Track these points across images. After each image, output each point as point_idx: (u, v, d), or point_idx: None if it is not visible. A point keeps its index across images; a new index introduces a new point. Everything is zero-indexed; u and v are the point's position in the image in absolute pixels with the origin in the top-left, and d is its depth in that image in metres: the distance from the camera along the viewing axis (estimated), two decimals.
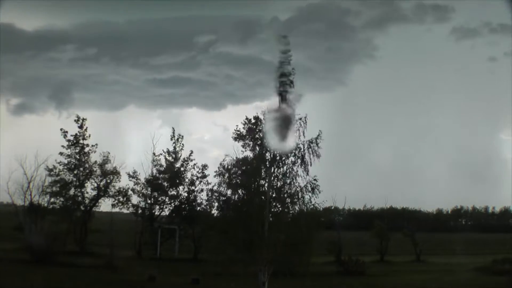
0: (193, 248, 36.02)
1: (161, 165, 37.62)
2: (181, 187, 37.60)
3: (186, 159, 37.57)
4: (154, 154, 37.48)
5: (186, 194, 37.61)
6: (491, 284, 26.36)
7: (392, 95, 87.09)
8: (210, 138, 77.78)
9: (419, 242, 40.72)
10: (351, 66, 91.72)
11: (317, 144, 17.85)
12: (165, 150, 37.67)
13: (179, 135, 38.05)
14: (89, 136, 36.20)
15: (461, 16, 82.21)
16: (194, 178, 37.43)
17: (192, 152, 37.80)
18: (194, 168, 37.41)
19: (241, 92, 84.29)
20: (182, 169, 37.53)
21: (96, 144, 36.32)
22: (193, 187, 37.46)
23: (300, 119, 17.93)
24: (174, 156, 37.67)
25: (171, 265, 31.93)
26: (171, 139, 37.68)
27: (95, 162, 36.24)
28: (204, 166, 37.22)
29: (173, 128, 38.27)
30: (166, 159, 37.63)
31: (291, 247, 17.59)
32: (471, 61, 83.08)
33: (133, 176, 36.96)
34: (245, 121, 20.41)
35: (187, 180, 37.50)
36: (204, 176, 37.11)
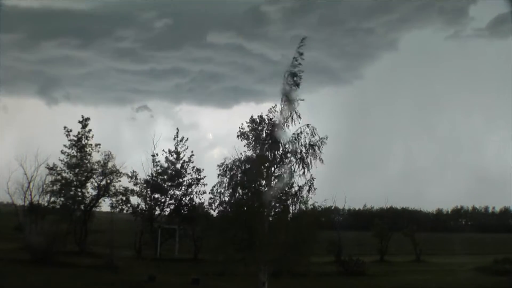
0: (193, 248, 36.03)
1: (161, 166, 37.46)
2: (181, 188, 37.50)
3: (186, 161, 37.42)
4: (155, 155, 37.36)
5: (185, 196, 37.49)
6: (491, 284, 26.36)
7: (396, 95, 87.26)
8: (216, 136, 77.96)
9: (419, 242, 40.70)
10: (357, 66, 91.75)
11: (319, 148, 17.74)
12: (167, 150, 37.43)
13: (183, 137, 37.63)
14: (92, 136, 36.25)
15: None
16: (191, 180, 37.25)
17: (192, 154, 37.64)
18: (193, 171, 37.31)
19: (251, 89, 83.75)
20: (182, 170, 37.41)
21: (99, 144, 36.30)
22: (190, 189, 37.32)
23: (308, 125, 17.76)
24: (176, 156, 37.52)
25: (171, 265, 31.92)
26: (174, 139, 37.44)
27: (97, 161, 36.23)
28: (198, 170, 37.07)
29: (177, 129, 37.75)
30: (167, 159, 37.48)
31: (291, 247, 17.55)
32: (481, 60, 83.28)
33: (131, 176, 36.88)
34: (249, 121, 20.28)
35: (185, 182, 37.38)
36: (200, 179, 37.00)
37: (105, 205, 37.20)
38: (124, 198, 36.68)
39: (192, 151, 37.60)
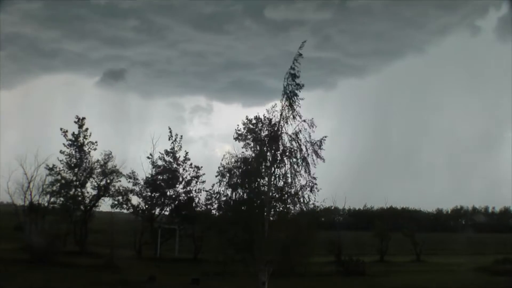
0: (193, 248, 36.03)
1: (159, 166, 37.43)
2: (180, 187, 37.51)
3: (183, 159, 37.44)
4: (151, 155, 37.38)
5: (183, 195, 37.46)
6: (491, 284, 26.38)
7: (399, 95, 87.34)
8: (222, 133, 78.05)
9: (419, 242, 40.70)
10: (364, 67, 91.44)
11: (319, 147, 17.67)
12: (163, 151, 37.46)
13: (177, 135, 37.69)
14: (90, 135, 36.18)
15: None
16: (189, 178, 37.27)
17: (187, 153, 37.72)
18: (191, 168, 37.37)
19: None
20: (180, 169, 37.43)
21: (96, 142, 36.29)
22: (189, 187, 37.36)
23: (304, 121, 17.73)
24: (172, 156, 37.51)
25: (171, 265, 31.92)
26: (169, 139, 37.50)
27: (97, 161, 36.22)
28: (198, 167, 37.17)
29: (169, 128, 37.78)
30: (164, 159, 37.48)
31: (291, 247, 17.54)
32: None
33: (131, 177, 36.88)
34: (245, 121, 20.25)
35: (184, 180, 37.39)
36: (198, 177, 37.07)
37: (105, 205, 37.28)
38: (121, 199, 36.66)
39: (186, 151, 37.69)
